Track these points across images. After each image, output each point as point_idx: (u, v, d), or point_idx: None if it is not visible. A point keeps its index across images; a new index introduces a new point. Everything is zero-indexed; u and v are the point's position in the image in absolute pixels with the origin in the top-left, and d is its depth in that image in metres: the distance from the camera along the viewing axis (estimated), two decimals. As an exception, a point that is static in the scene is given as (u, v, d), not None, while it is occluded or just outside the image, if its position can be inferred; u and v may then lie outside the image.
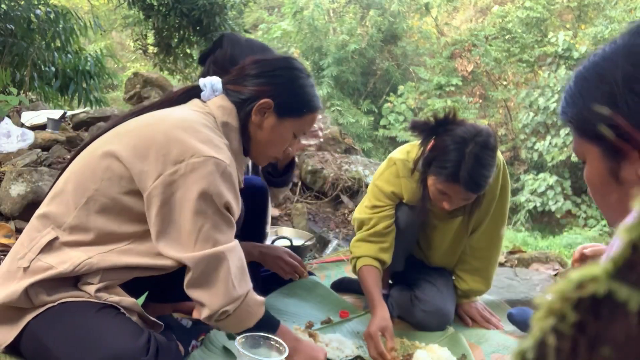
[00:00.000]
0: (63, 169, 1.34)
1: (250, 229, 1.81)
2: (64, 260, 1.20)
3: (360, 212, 1.91)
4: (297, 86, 1.40)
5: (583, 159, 0.73)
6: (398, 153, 1.87)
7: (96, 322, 1.18)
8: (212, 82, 1.39)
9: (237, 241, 1.28)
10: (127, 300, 1.24)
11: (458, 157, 1.58)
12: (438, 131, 1.65)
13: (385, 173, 1.86)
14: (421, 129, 1.69)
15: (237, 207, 1.27)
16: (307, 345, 1.45)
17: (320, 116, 1.49)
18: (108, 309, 1.21)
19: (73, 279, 1.23)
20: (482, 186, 1.62)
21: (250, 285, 1.29)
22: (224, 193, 1.21)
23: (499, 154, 1.78)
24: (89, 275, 1.22)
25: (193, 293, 1.24)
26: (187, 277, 1.21)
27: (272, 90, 1.36)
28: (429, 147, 1.69)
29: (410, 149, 1.84)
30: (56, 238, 1.22)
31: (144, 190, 1.20)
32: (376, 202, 1.86)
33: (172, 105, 1.38)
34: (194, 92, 1.41)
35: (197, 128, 1.25)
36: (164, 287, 1.49)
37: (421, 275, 2.01)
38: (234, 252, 1.25)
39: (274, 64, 1.41)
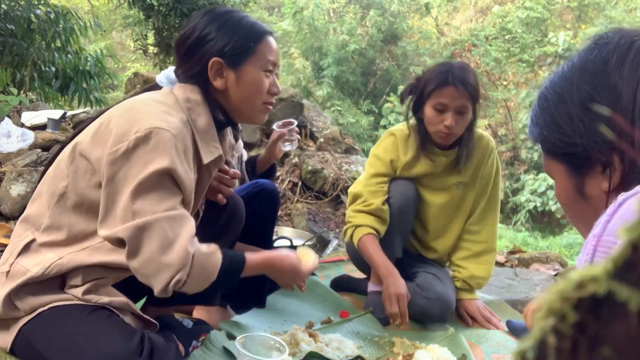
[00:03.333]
0: (43, 173, 1.34)
1: (257, 233, 1.81)
2: (38, 263, 1.19)
3: (355, 186, 2.00)
4: (231, 28, 1.31)
5: (552, 177, 0.75)
6: (395, 127, 2.03)
7: (87, 326, 1.16)
8: (166, 75, 1.38)
9: (181, 211, 1.19)
10: (118, 300, 1.23)
11: (445, 69, 1.80)
12: (420, 84, 1.86)
13: (384, 142, 1.99)
14: (408, 91, 1.89)
15: (185, 175, 1.19)
16: (280, 260, 1.38)
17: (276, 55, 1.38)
18: (99, 311, 1.20)
19: (59, 282, 1.22)
20: (471, 85, 1.79)
21: (197, 246, 1.20)
22: (166, 162, 1.14)
23: (491, 139, 2.01)
24: (70, 278, 1.21)
25: (138, 270, 1.16)
26: (126, 253, 1.15)
27: (212, 49, 1.29)
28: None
29: (406, 124, 1.98)
30: (33, 240, 1.22)
31: (100, 176, 1.19)
32: (375, 170, 1.95)
33: None
34: (154, 89, 1.40)
35: (147, 102, 1.23)
36: None
37: (420, 268, 2.04)
38: (175, 219, 1.16)
39: (200, 24, 1.32)
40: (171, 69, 1.38)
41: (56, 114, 3.69)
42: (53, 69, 5.79)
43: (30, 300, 1.19)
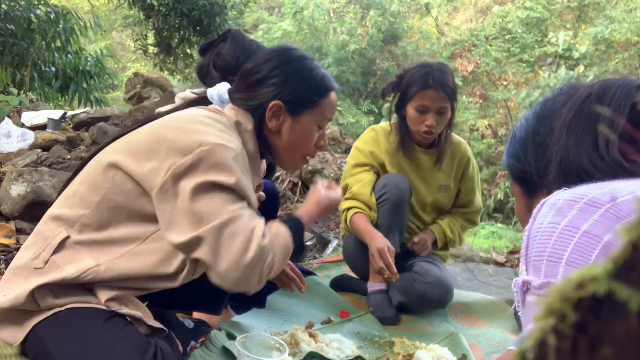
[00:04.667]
0: (76, 171, 1.33)
1: None
2: (73, 262, 1.18)
3: (343, 178, 2.11)
4: (301, 76, 1.34)
5: (514, 196, 0.92)
6: (378, 124, 2.15)
7: (103, 335, 1.15)
8: (219, 93, 1.38)
9: (249, 210, 1.22)
10: (135, 313, 1.22)
11: (425, 72, 1.92)
12: (401, 83, 1.98)
13: (365, 137, 2.12)
14: (389, 88, 2.01)
15: (250, 190, 1.22)
16: (322, 202, 1.47)
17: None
18: (115, 319, 1.18)
19: (85, 285, 1.22)
20: (450, 88, 1.91)
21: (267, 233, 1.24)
22: (232, 175, 1.16)
23: (467, 146, 2.14)
24: (101, 285, 1.20)
25: (225, 277, 1.17)
26: (206, 259, 1.15)
27: (277, 90, 1.31)
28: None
29: (388, 122, 2.11)
30: (68, 237, 1.21)
31: (152, 188, 1.17)
32: (356, 161, 2.07)
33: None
34: (203, 103, 1.39)
35: (208, 122, 1.23)
36: (169, 294, 1.48)
37: (415, 259, 2.08)
38: (244, 216, 1.18)
39: (272, 62, 1.35)
40: (224, 86, 1.38)
41: (56, 114, 3.69)
42: (53, 69, 5.80)
43: (52, 298, 1.17)
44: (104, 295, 1.19)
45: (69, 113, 4.04)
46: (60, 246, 1.20)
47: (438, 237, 2.10)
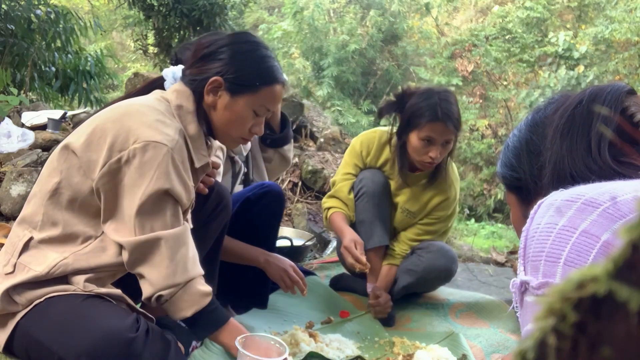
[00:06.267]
0: (39, 175, 1.36)
1: (262, 235, 1.81)
2: (41, 262, 1.21)
3: (335, 175, 2.14)
4: (248, 59, 1.35)
5: (509, 205, 0.92)
6: (383, 129, 2.10)
7: (83, 309, 1.19)
8: (173, 71, 1.40)
9: (183, 227, 1.26)
10: (114, 292, 1.26)
11: (432, 102, 1.86)
12: (401, 104, 1.93)
13: (365, 135, 2.12)
14: (387, 109, 1.97)
15: (183, 190, 1.25)
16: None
17: (285, 90, 1.43)
18: (94, 298, 1.23)
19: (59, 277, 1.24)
20: (456, 119, 1.89)
21: (195, 273, 1.26)
22: (164, 179, 1.20)
23: (454, 189, 2.06)
24: (73, 275, 1.23)
25: (134, 272, 1.25)
26: (125, 259, 1.23)
27: (221, 67, 1.32)
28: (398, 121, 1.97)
29: (389, 133, 2.07)
30: (31, 238, 1.24)
31: (92, 180, 1.22)
32: (349, 161, 2.10)
33: (135, 97, 1.38)
34: (158, 83, 1.42)
35: (143, 111, 1.25)
36: None
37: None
38: (175, 238, 1.23)
39: (225, 40, 1.36)
40: (179, 67, 1.41)
41: (56, 114, 3.69)
42: (53, 69, 5.79)
43: (29, 294, 1.21)
44: (80, 279, 1.22)
45: (69, 113, 4.03)
46: (25, 247, 1.24)
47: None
